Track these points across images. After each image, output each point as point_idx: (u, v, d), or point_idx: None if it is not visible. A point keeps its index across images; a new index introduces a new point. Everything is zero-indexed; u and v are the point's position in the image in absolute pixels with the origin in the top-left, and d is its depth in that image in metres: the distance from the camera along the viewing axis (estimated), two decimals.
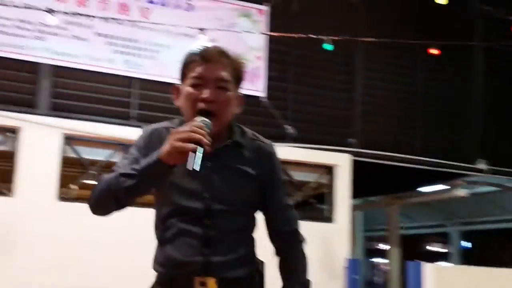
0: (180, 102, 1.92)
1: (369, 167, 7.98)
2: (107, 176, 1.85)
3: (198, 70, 1.87)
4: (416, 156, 8.37)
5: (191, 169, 1.63)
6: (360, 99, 8.26)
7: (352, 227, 8.47)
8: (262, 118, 7.62)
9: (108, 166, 7.02)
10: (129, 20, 7.10)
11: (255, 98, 7.61)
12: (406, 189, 10.19)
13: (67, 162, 6.72)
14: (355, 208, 9.45)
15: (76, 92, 6.87)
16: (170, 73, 7.20)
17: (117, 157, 6.81)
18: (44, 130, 6.44)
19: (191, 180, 1.87)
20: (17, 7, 6.51)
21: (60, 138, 6.55)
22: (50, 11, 6.39)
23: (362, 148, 8.01)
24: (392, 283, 10.45)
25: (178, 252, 1.87)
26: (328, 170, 7.91)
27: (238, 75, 1.95)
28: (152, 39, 7.26)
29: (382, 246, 15.78)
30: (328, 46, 6.77)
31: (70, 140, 6.69)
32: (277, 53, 7.88)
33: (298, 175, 7.83)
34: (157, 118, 7.14)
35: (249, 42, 7.71)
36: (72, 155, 6.72)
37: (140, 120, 7.00)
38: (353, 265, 7.51)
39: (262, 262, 2.02)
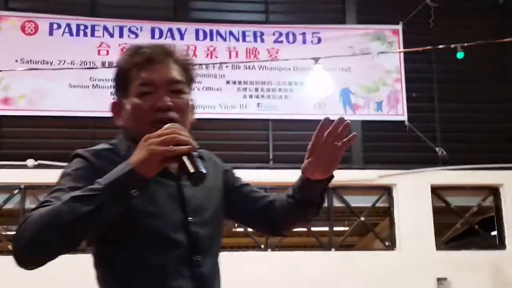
0: (124, 120, 1.60)
1: None
2: (41, 210, 1.36)
3: (143, 75, 1.55)
4: None
5: (195, 172, 1.36)
6: None
7: None
8: (407, 143, 7.12)
9: None
10: (258, 61, 7.07)
11: (398, 123, 7.13)
12: None
13: None
14: None
15: (213, 142, 6.92)
16: (305, 110, 7.03)
17: None
18: None
19: (166, 205, 1.51)
20: None
21: None
22: None
23: None
24: None
25: (171, 280, 1.48)
26: (493, 191, 7.07)
27: (189, 75, 1.64)
28: (283, 79, 7.16)
29: None
30: (460, 55, 6.13)
31: None
32: (416, 72, 7.35)
33: (458, 201, 7.07)
34: (293, 157, 7.01)
35: (385, 65, 7.27)
36: None
37: (277, 161, 6.87)
38: None
39: None
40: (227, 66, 7.01)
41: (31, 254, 1.35)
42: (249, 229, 6.84)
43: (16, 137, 6.85)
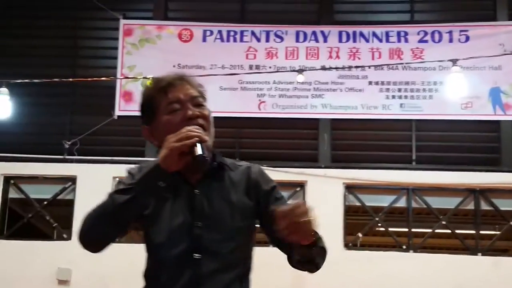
0: (158, 139, 1.78)
1: None
2: (95, 207, 1.69)
3: (169, 96, 1.78)
4: None
5: (199, 154, 1.61)
6: None
7: None
8: None
9: (393, 211, 6.89)
10: (401, 63, 6.99)
11: None
12: None
13: (350, 211, 6.81)
14: None
15: (354, 142, 6.99)
16: (451, 111, 6.83)
17: (402, 202, 6.69)
18: (327, 182, 6.65)
19: (179, 211, 1.74)
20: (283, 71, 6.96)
21: (342, 188, 6.68)
22: (299, 70, 6.63)
23: None
24: None
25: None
26: None
27: (203, 94, 1.86)
28: (427, 78, 7.00)
29: None
30: None
31: (352, 188, 6.77)
32: None
33: None
34: (437, 158, 6.84)
35: None
36: (355, 203, 6.78)
37: (420, 162, 6.75)
38: None
39: None
40: (369, 67, 7.02)
41: (88, 238, 1.71)
42: (390, 229, 6.81)
43: None
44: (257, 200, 1.82)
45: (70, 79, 6.77)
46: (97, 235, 1.70)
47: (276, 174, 6.94)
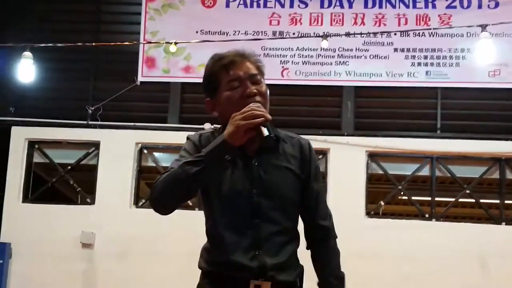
0: (218, 111, 1.98)
1: None
2: (167, 173, 1.87)
3: (230, 73, 1.94)
4: None
5: (267, 135, 1.78)
6: None
7: None
8: None
9: (416, 180, 6.80)
10: (428, 29, 6.82)
11: None
12: None
13: (372, 179, 6.75)
14: None
15: (378, 109, 6.88)
16: (479, 79, 6.68)
17: (425, 170, 6.62)
18: (350, 150, 6.58)
19: (239, 180, 1.93)
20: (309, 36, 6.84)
21: (365, 156, 6.61)
22: (324, 36, 6.48)
23: None
24: None
25: (233, 255, 1.89)
26: None
27: (262, 70, 2.01)
28: (455, 46, 6.83)
29: None
30: None
31: (375, 156, 6.70)
32: None
33: None
34: (462, 126, 6.72)
35: None
36: (378, 171, 6.71)
37: (446, 131, 6.63)
38: None
39: (302, 266, 2.03)
40: (395, 34, 6.86)
41: (162, 203, 1.88)
42: (413, 197, 6.73)
43: (195, 102, 7.31)
44: (307, 175, 2.02)
45: (93, 43, 6.71)
46: (169, 200, 1.87)
47: None
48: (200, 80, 7.22)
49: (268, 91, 1.98)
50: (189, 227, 6.83)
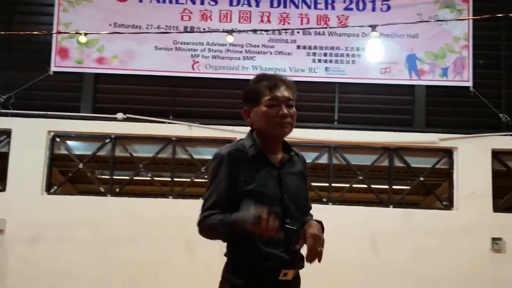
0: (254, 120, 2.27)
1: None
2: (208, 221, 2.20)
3: (272, 94, 2.24)
4: None
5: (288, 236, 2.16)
6: None
7: None
8: (471, 109, 7.11)
9: (316, 167, 7.15)
10: (327, 28, 7.19)
11: (462, 88, 7.09)
12: None
13: None
14: None
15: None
16: (370, 75, 7.12)
17: (324, 158, 7.00)
18: None
19: (271, 185, 2.23)
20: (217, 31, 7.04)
21: None
22: (229, 31, 6.74)
23: None
24: None
25: (269, 247, 2.16)
26: None
27: (295, 96, 2.33)
28: (351, 44, 7.23)
29: None
30: None
31: None
32: (484, 40, 7.22)
33: None
34: (357, 119, 7.12)
35: (453, 32, 7.19)
36: None
37: (342, 122, 7.06)
38: None
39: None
40: (298, 32, 7.18)
41: (205, 237, 2.25)
42: (312, 183, 7.07)
43: (108, 92, 7.43)
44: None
45: (2, 32, 6.59)
46: (207, 237, 2.26)
47: (208, 131, 7.18)
48: (114, 71, 7.11)
49: (296, 114, 2.29)
50: (100, 213, 6.99)
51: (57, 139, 7.22)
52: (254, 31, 7.08)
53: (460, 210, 6.80)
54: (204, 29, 7.27)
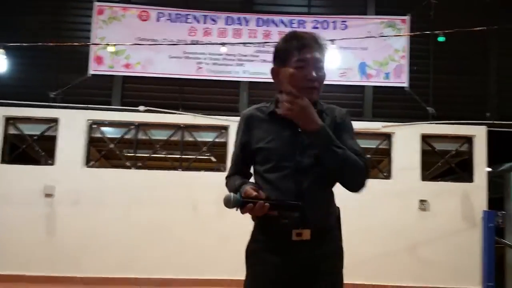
0: (281, 82, 2.00)
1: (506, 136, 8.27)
2: (228, 185, 2.13)
3: (300, 54, 1.97)
4: None
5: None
6: (494, 79, 8.58)
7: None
8: (407, 103, 8.44)
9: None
10: None
11: (401, 88, 8.48)
12: None
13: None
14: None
15: (266, 98, 8.66)
16: (331, 78, 8.50)
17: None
18: None
19: (283, 142, 2.00)
20: (217, 44, 8.36)
21: None
22: (223, 44, 7.96)
23: (496, 121, 8.30)
24: None
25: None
26: (468, 140, 8.34)
27: (325, 54, 2.05)
28: None
29: None
30: (441, 38, 7.23)
31: None
32: (418, 51, 8.56)
33: (441, 146, 8.38)
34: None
35: (394, 45, 8.57)
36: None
37: None
38: (488, 216, 7.88)
39: (339, 208, 2.11)
40: None
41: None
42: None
43: (133, 90, 8.51)
44: (338, 135, 2.03)
45: (50, 43, 7.57)
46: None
47: (208, 120, 8.21)
48: (137, 74, 8.77)
49: (325, 78, 1.98)
50: (126, 182, 7.88)
51: (94, 126, 8.20)
52: (244, 43, 8.33)
53: (396, 179, 8.11)
54: (206, 42, 8.42)
